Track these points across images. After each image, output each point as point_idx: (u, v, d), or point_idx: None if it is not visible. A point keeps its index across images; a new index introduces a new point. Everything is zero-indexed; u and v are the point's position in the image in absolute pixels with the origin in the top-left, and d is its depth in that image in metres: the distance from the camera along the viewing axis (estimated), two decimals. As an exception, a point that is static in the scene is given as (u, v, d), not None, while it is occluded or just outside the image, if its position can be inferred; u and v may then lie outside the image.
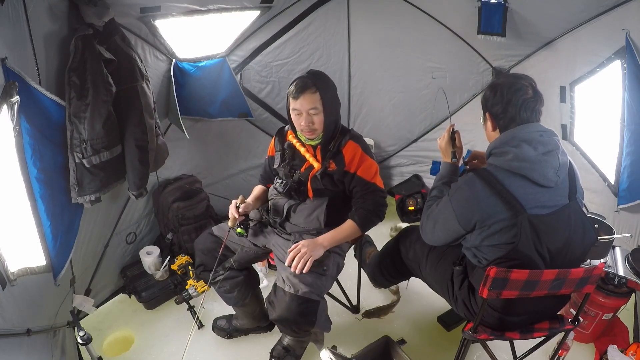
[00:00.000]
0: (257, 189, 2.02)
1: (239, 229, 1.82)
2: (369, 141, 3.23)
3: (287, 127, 1.91)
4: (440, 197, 1.59)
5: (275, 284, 1.74)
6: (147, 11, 1.96)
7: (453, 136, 1.71)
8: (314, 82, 1.68)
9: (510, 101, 1.40)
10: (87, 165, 1.77)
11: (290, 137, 1.85)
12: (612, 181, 2.21)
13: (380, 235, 2.94)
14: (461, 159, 1.71)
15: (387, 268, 2.08)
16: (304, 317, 1.66)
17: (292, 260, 1.66)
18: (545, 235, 1.37)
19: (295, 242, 1.83)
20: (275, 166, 1.89)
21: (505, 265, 1.35)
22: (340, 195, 1.84)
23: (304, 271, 1.64)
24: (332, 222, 1.82)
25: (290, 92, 1.69)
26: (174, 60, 2.31)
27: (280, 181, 1.86)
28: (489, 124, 1.50)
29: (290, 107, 1.72)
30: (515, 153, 1.35)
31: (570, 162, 1.46)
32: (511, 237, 1.36)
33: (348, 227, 1.79)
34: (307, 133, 1.73)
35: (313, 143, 1.78)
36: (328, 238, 1.76)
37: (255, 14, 2.41)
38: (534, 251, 1.37)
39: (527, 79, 1.45)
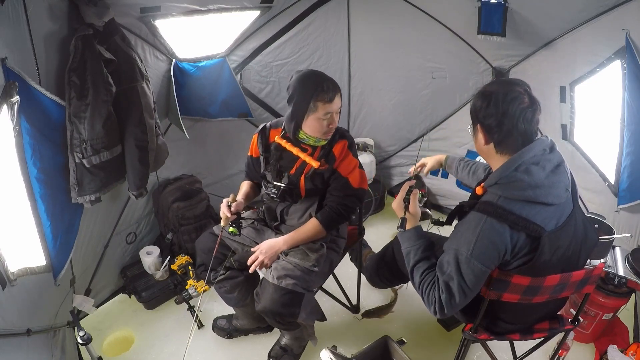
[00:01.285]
0: (245, 185, 1.99)
1: (231, 228, 1.81)
2: (369, 141, 3.24)
3: (268, 125, 1.86)
4: (432, 265, 1.39)
5: (263, 277, 1.76)
6: (147, 11, 1.96)
7: (409, 197, 1.47)
8: (333, 80, 1.66)
9: (506, 113, 1.22)
10: (87, 165, 1.77)
11: (277, 139, 1.79)
12: (612, 181, 2.21)
13: (381, 235, 2.94)
14: (412, 226, 1.46)
15: (385, 274, 2.08)
16: (286, 308, 1.67)
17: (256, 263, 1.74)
18: (557, 246, 1.31)
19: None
20: (262, 170, 1.86)
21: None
22: None
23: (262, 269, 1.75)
24: None
25: (324, 97, 1.60)
26: (174, 60, 2.31)
27: (271, 186, 1.84)
28: (480, 137, 1.32)
29: (321, 113, 1.62)
30: (528, 181, 1.22)
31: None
32: (530, 256, 1.28)
33: (312, 226, 1.77)
34: (330, 133, 1.71)
35: (321, 143, 1.75)
36: (288, 240, 1.76)
37: (255, 14, 2.41)
38: (547, 262, 1.31)
39: (521, 84, 1.28)
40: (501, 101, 1.23)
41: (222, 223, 1.81)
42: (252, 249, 1.77)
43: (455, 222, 1.47)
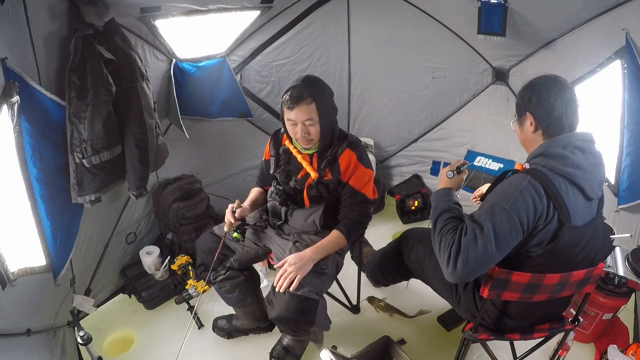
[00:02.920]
0: (254, 192, 2.00)
1: (235, 234, 1.81)
2: (369, 141, 3.24)
3: (282, 130, 1.86)
4: (456, 216, 1.39)
5: (273, 284, 1.74)
6: (147, 11, 1.96)
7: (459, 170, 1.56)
8: (310, 91, 1.59)
9: (556, 101, 1.32)
10: (87, 165, 1.77)
11: (287, 143, 1.81)
12: (612, 181, 2.21)
13: (381, 235, 2.94)
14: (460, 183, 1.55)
15: (388, 269, 2.09)
16: (303, 316, 1.66)
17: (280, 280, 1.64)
18: (576, 246, 1.33)
19: (294, 242, 1.84)
20: (271, 172, 1.87)
21: (535, 271, 1.32)
22: (336, 201, 1.82)
23: (290, 289, 1.60)
24: (328, 225, 1.81)
25: (285, 101, 1.61)
26: (174, 60, 2.31)
27: (276, 190, 1.85)
28: (528, 124, 1.38)
29: (285, 117, 1.66)
30: (572, 159, 1.28)
31: None
32: (550, 245, 1.29)
33: (335, 237, 1.77)
34: (303, 143, 1.69)
35: (309, 152, 1.75)
36: (316, 250, 1.73)
37: (255, 14, 2.40)
38: (563, 260, 1.33)
39: (563, 78, 1.37)
40: (552, 90, 1.34)
41: (225, 228, 1.80)
42: (276, 266, 1.72)
43: None
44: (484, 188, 1.76)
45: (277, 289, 1.63)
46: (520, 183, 1.27)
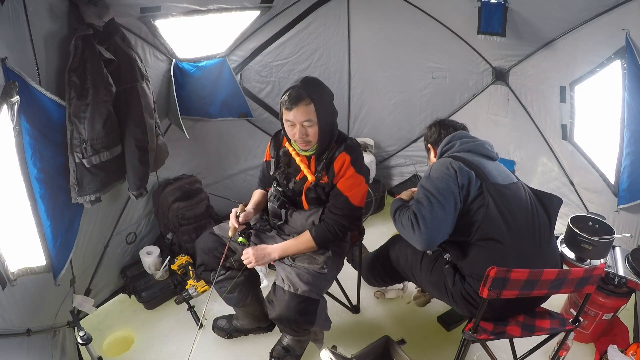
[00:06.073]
0: (257, 194, 2.00)
1: (240, 238, 1.81)
2: (369, 141, 3.24)
3: (283, 131, 1.87)
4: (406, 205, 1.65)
5: (274, 283, 1.74)
6: (147, 11, 1.96)
7: None
8: (309, 92, 1.58)
9: (442, 129, 1.81)
10: (87, 165, 1.77)
11: (287, 144, 1.80)
12: (612, 181, 2.21)
13: (381, 235, 2.93)
14: None
15: (379, 274, 2.10)
16: (304, 316, 1.66)
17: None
18: (507, 203, 1.53)
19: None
20: (271, 173, 1.86)
21: (482, 240, 1.52)
22: None
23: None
24: None
25: (283, 102, 1.60)
26: (174, 60, 2.31)
27: (275, 192, 1.85)
28: (432, 154, 1.85)
29: (284, 118, 1.65)
30: (462, 141, 1.69)
31: None
32: (482, 204, 1.51)
33: (305, 240, 1.76)
34: (301, 144, 1.68)
35: (307, 154, 1.74)
36: (280, 250, 1.75)
37: (255, 14, 2.40)
38: (500, 219, 1.50)
39: (442, 118, 1.92)
40: (438, 124, 1.84)
41: (230, 233, 1.80)
42: (245, 251, 1.77)
43: None
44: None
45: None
46: (432, 166, 1.62)
